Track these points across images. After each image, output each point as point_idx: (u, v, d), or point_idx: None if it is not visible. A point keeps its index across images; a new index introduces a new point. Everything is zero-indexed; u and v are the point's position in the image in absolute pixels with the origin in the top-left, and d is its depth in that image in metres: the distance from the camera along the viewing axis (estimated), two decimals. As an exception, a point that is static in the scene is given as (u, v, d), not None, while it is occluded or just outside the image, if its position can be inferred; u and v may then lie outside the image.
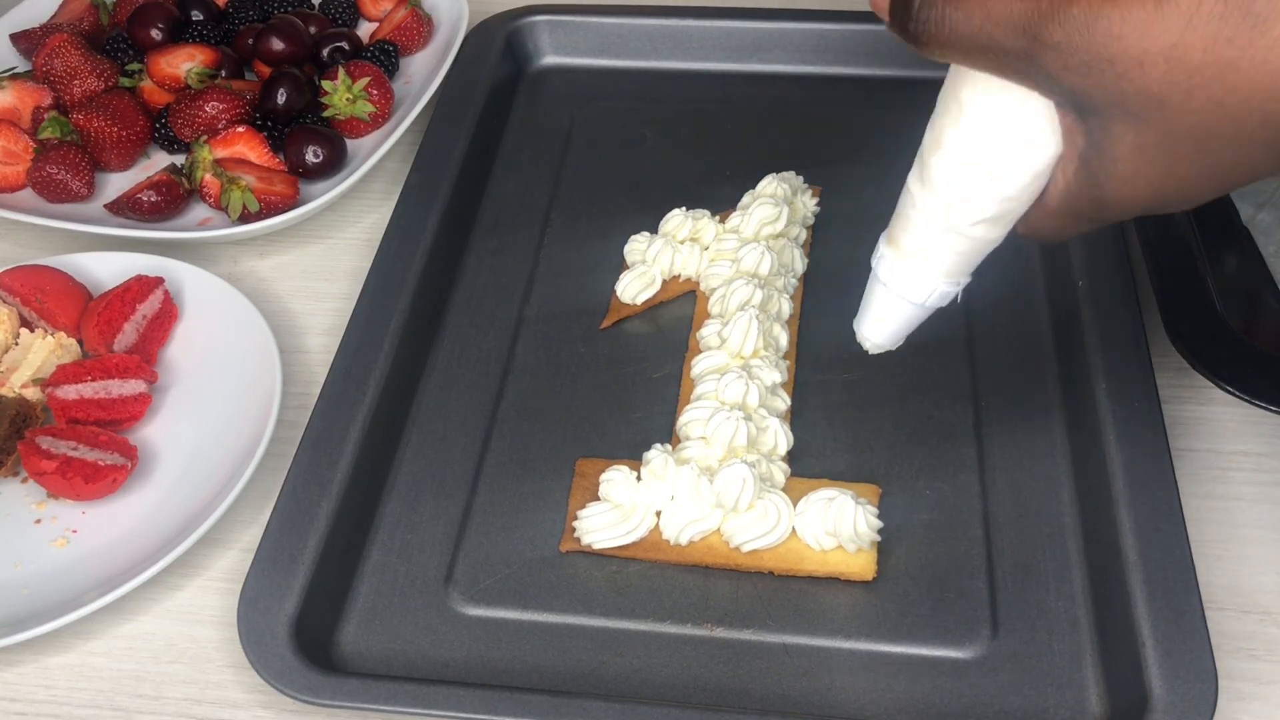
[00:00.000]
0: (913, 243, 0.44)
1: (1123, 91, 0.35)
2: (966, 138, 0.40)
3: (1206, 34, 0.33)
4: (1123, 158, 0.37)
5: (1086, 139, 0.38)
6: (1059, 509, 0.56)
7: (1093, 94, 0.36)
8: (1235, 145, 0.35)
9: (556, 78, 0.85)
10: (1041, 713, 0.50)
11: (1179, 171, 0.37)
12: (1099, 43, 0.34)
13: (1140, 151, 0.37)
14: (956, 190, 0.41)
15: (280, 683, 0.50)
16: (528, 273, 0.70)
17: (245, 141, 0.74)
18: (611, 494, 0.56)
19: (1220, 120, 0.34)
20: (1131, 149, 0.37)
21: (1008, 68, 0.37)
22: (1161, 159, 0.36)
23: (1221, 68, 0.33)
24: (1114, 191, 0.38)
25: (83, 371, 0.62)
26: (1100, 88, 0.35)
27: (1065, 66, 0.35)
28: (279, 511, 0.56)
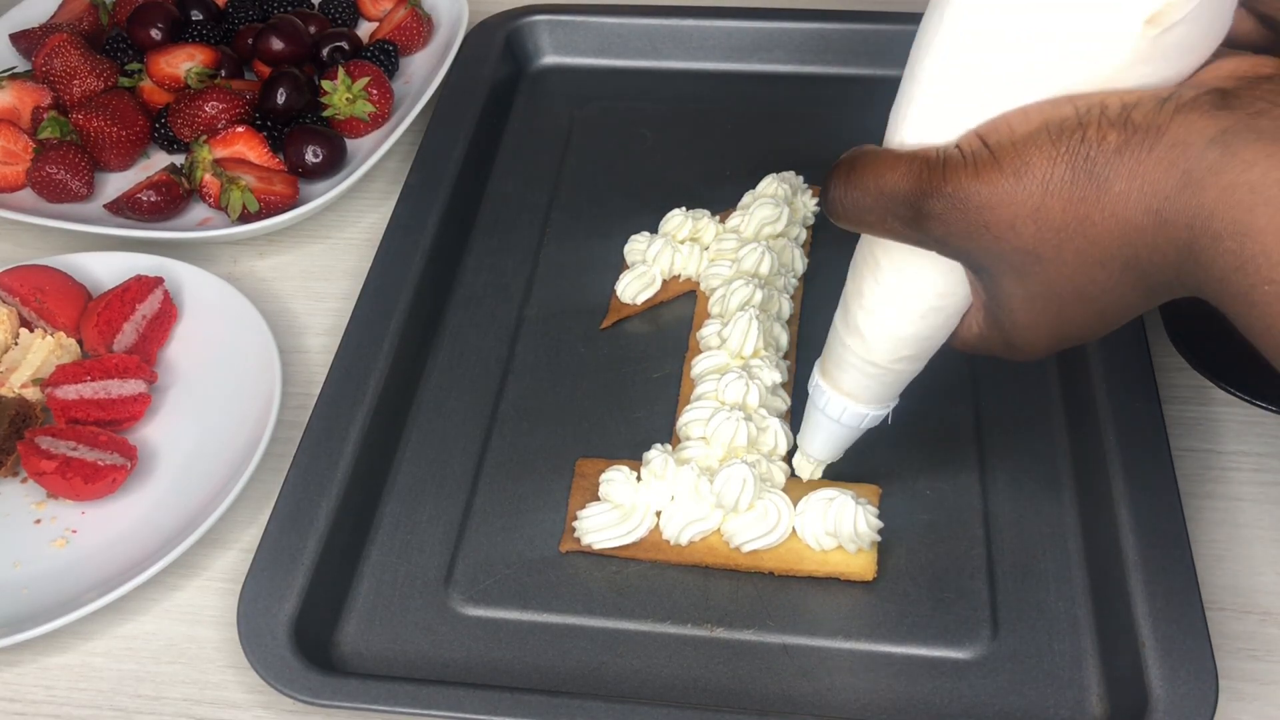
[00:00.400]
0: (845, 379, 0.50)
1: (1002, 252, 0.39)
2: (886, 295, 0.45)
3: (1061, 196, 0.37)
4: (1018, 309, 0.42)
5: (986, 293, 0.43)
6: (1059, 509, 0.56)
7: (979, 255, 0.40)
8: (1110, 289, 0.39)
9: (556, 78, 0.85)
10: (1041, 713, 0.50)
11: (1070, 316, 0.41)
12: (973, 212, 0.38)
13: (1031, 302, 0.41)
14: (880, 339, 0.47)
15: (280, 683, 0.50)
16: (528, 273, 0.70)
17: (245, 141, 0.74)
18: (611, 494, 0.56)
19: (1091, 268, 0.38)
20: (1023, 301, 0.41)
21: (905, 236, 0.42)
22: (1052, 307, 0.41)
23: (1080, 223, 0.37)
24: (1018, 337, 0.43)
25: (82, 371, 0.62)
26: (984, 249, 0.40)
27: (949, 233, 0.40)
28: (279, 511, 0.56)
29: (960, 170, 0.39)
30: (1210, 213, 0.34)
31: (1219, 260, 0.35)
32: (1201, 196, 0.34)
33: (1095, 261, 0.38)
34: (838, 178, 0.43)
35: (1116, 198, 0.36)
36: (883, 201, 0.41)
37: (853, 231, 0.44)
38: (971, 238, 0.39)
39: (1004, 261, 0.40)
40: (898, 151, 0.41)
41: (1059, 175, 0.37)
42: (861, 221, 0.43)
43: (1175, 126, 0.35)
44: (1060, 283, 0.39)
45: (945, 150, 0.39)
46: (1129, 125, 0.36)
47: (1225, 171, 0.34)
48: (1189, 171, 0.35)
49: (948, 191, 0.39)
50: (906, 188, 0.40)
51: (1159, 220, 0.36)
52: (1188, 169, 0.35)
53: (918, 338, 0.46)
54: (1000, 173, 0.38)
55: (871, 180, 0.41)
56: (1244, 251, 0.34)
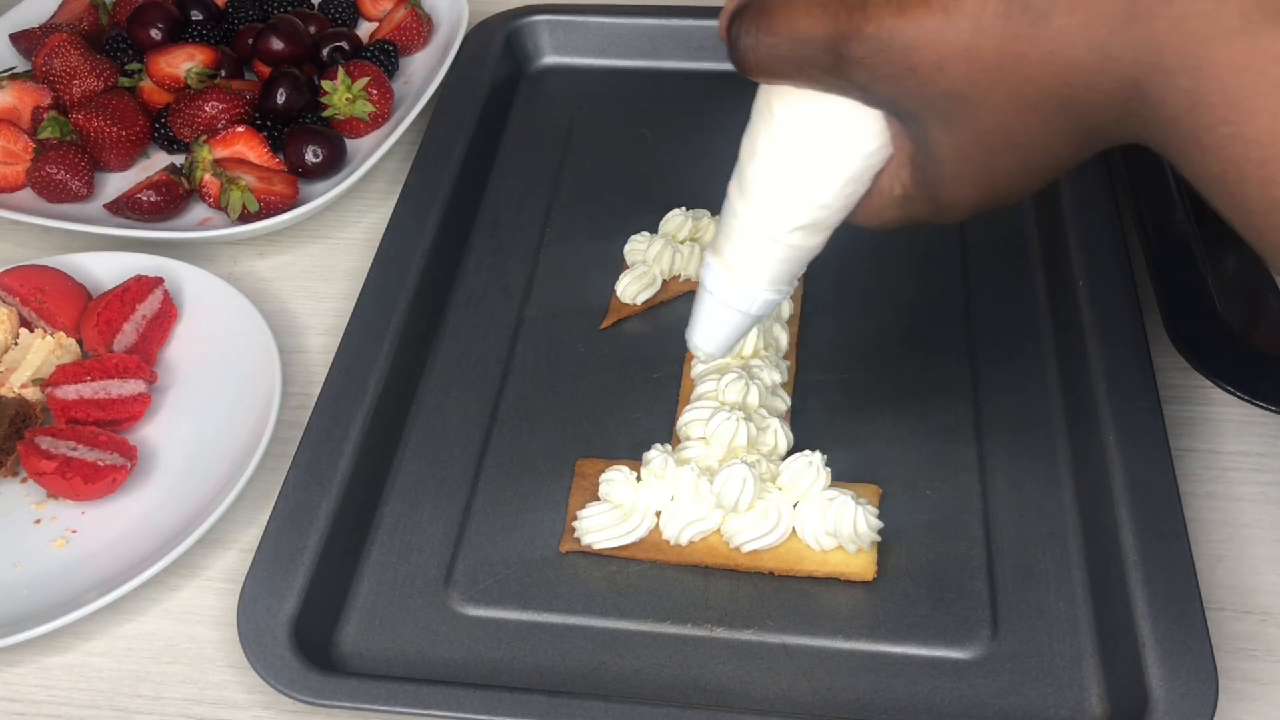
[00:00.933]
0: (736, 253, 0.45)
1: (930, 96, 0.37)
2: (780, 146, 0.42)
3: (994, 33, 0.34)
4: (946, 158, 0.39)
5: (913, 143, 0.40)
6: (1059, 509, 0.56)
7: (905, 101, 0.38)
8: (1042, 135, 0.36)
9: (556, 78, 0.85)
10: (1041, 713, 0.50)
11: (999, 165, 0.38)
12: (899, 54, 0.36)
13: (960, 150, 0.38)
14: (772, 198, 0.43)
15: (280, 683, 0.50)
16: (528, 273, 0.70)
17: (245, 141, 0.74)
18: (611, 494, 0.56)
19: (1023, 112, 0.36)
20: (952, 149, 0.38)
21: (826, 84, 0.39)
22: (981, 155, 0.38)
23: (1014, 62, 0.34)
24: (946, 191, 0.40)
25: (82, 371, 0.62)
26: (910, 95, 0.37)
27: (874, 78, 0.37)
28: (279, 511, 0.56)
29: (883, 8, 0.36)
30: (1160, 46, 0.32)
31: (1170, 99, 0.32)
32: (1150, 28, 0.32)
33: (1029, 104, 0.36)
34: (746, 22, 0.39)
35: (1055, 32, 0.34)
36: (799, 48, 0.38)
37: (766, 83, 0.41)
38: (897, 82, 0.37)
39: (931, 107, 0.37)
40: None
41: (992, 9, 0.34)
42: (776, 71, 0.39)
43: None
44: (991, 128, 0.37)
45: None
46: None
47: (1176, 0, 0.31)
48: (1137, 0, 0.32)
49: (869, 32, 0.36)
50: (824, 31, 0.37)
51: (1102, 55, 0.33)
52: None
53: (818, 204, 0.42)
54: (927, 9, 0.35)
55: (784, 24, 0.38)
56: (1199, 90, 0.31)
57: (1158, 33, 0.32)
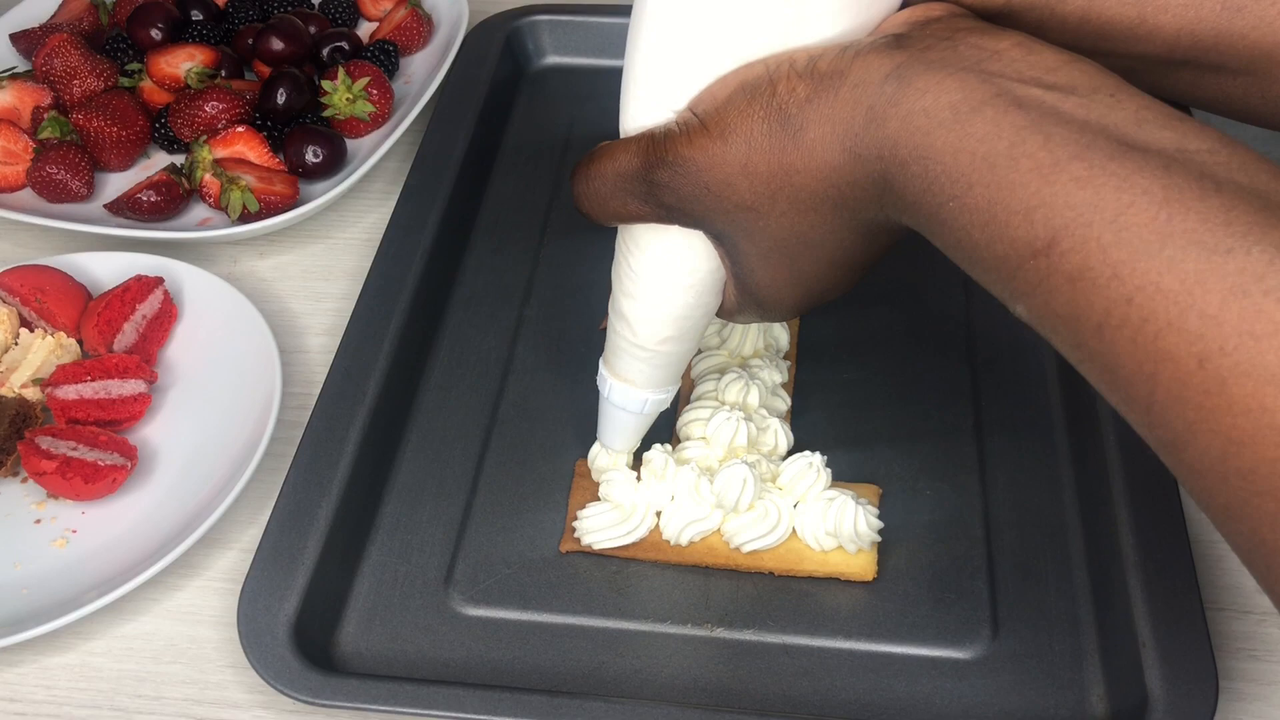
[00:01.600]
0: (620, 364, 0.52)
1: (727, 211, 0.42)
2: (637, 277, 0.48)
3: (764, 149, 0.40)
4: (756, 268, 0.45)
5: (730, 259, 0.45)
6: (1059, 509, 0.56)
7: (709, 218, 0.43)
8: (828, 232, 0.42)
9: (556, 78, 0.85)
10: (1041, 713, 0.50)
11: (804, 269, 0.44)
12: (693, 176, 0.42)
13: (765, 259, 0.44)
14: (640, 320, 0.49)
15: (280, 683, 0.50)
16: (528, 273, 0.70)
17: (245, 141, 0.74)
18: (611, 494, 0.56)
19: (805, 214, 0.41)
20: (758, 258, 0.44)
21: (643, 213, 0.45)
22: (784, 260, 0.44)
23: (785, 172, 0.40)
24: (766, 296, 0.46)
25: (82, 371, 0.62)
26: (711, 211, 0.42)
27: (679, 199, 0.43)
28: (279, 511, 0.56)
29: (677, 140, 0.42)
30: (894, 141, 0.37)
31: (909, 185, 0.37)
32: (885, 128, 0.37)
33: (807, 207, 0.41)
34: (579, 172, 0.46)
35: (813, 142, 0.39)
36: (619, 183, 0.44)
37: (601, 224, 0.47)
38: (698, 200, 0.42)
39: (732, 222, 0.43)
40: (626, 138, 0.45)
41: (758, 130, 0.40)
42: (605, 208, 0.46)
43: (856, 69, 0.38)
44: (783, 233, 0.42)
45: (665, 126, 0.43)
46: (815, 74, 0.39)
47: (902, 101, 0.36)
48: (872, 107, 0.37)
49: (669, 160, 0.42)
50: (637, 164, 0.43)
51: (853, 157, 0.38)
52: (871, 104, 0.37)
53: (676, 318, 0.48)
54: (709, 136, 0.41)
55: (608, 165, 0.45)
56: (927, 174, 0.36)
57: (891, 131, 0.37)
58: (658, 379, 0.52)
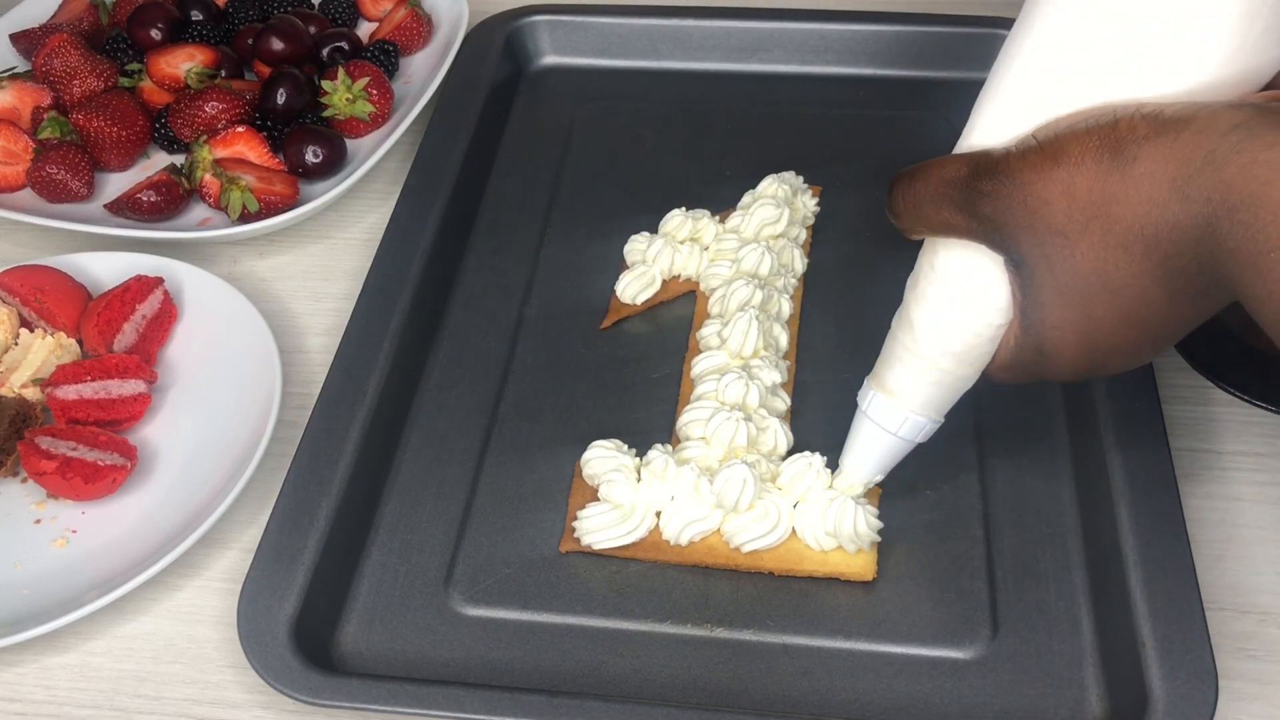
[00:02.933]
0: (896, 380, 0.51)
1: (1037, 230, 0.43)
2: (939, 288, 0.48)
3: (1090, 173, 0.40)
4: (1048, 303, 0.44)
5: (1023, 293, 0.45)
6: (1059, 509, 0.56)
7: (1018, 237, 0.43)
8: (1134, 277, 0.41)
9: (556, 78, 0.85)
10: (1041, 713, 0.50)
11: (1098, 314, 0.43)
12: (1016, 189, 0.43)
13: (1060, 295, 0.44)
14: (933, 330, 0.49)
15: (280, 683, 0.50)
16: (528, 273, 0.70)
17: (245, 141, 0.74)
18: (611, 494, 0.56)
19: (1114, 252, 0.41)
20: (1053, 293, 0.44)
21: (958, 222, 0.45)
22: (1079, 300, 0.43)
23: (1105, 202, 0.40)
24: (1049, 341, 0.45)
25: (82, 371, 0.62)
26: (1021, 226, 0.43)
27: (995, 209, 0.43)
28: (279, 511, 0.56)
29: (1011, 155, 0.43)
30: (1229, 186, 0.37)
31: (1234, 231, 0.37)
32: (1222, 173, 0.37)
33: (1118, 243, 0.41)
34: (903, 177, 0.47)
35: (1141, 176, 0.39)
36: (942, 188, 0.45)
37: (910, 232, 0.48)
38: (1013, 214, 0.43)
39: (1038, 245, 0.43)
40: (960, 152, 0.46)
41: (1090, 155, 0.41)
42: (919, 212, 0.47)
43: (1202, 116, 0.38)
44: (1086, 269, 0.42)
45: (1003, 146, 0.44)
46: (1160, 118, 0.39)
47: (1246, 150, 0.36)
48: (1213, 151, 0.37)
49: (997, 170, 0.43)
50: (964, 173, 0.44)
51: (1181, 195, 0.38)
52: (1212, 149, 0.37)
53: (967, 331, 0.48)
54: (1040, 155, 0.42)
55: (936, 171, 0.46)
56: (1256, 221, 0.36)
57: (1228, 177, 0.37)
58: (930, 399, 0.51)
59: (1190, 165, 0.38)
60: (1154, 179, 0.39)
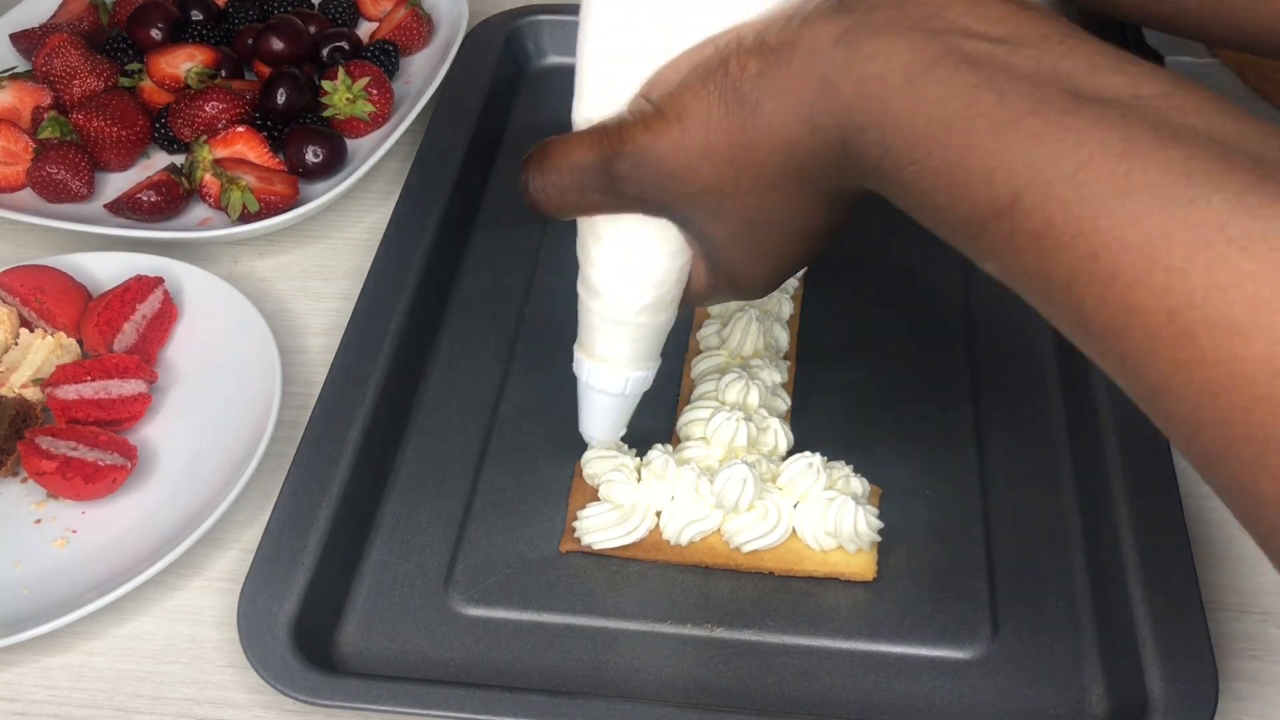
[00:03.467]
0: (596, 342, 0.51)
1: (691, 195, 0.42)
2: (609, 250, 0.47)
3: (722, 129, 0.39)
4: (726, 248, 0.44)
5: (699, 242, 0.45)
6: (1059, 509, 0.56)
7: (675, 205, 0.43)
8: (794, 206, 0.41)
9: (556, 78, 0.85)
10: (1041, 713, 0.50)
11: (774, 243, 0.43)
12: (654, 164, 0.41)
13: (735, 239, 0.43)
14: (615, 290, 0.48)
15: (280, 683, 0.50)
16: (528, 273, 0.70)
17: (245, 141, 0.74)
18: (611, 494, 0.56)
19: (770, 191, 0.41)
20: (726, 238, 0.44)
21: (606, 205, 0.44)
22: (753, 238, 0.43)
23: (746, 150, 0.40)
24: (739, 274, 0.46)
25: (82, 371, 0.62)
26: (677, 198, 0.42)
27: (642, 190, 0.42)
28: (279, 511, 0.56)
29: (634, 129, 0.41)
30: (849, 109, 0.36)
31: (868, 151, 0.37)
32: (839, 96, 0.37)
33: (770, 183, 0.40)
34: (531, 168, 0.45)
35: (770, 117, 0.38)
36: (577, 177, 0.44)
37: (557, 219, 0.46)
38: (661, 189, 0.42)
39: (697, 206, 0.42)
40: (581, 131, 0.44)
41: (715, 110, 0.39)
42: (563, 204, 0.45)
43: (804, 37, 0.37)
44: (749, 212, 0.42)
45: (620, 116, 0.42)
46: (764, 48, 0.38)
47: (853, 67, 0.36)
48: (824, 75, 0.37)
49: (628, 151, 0.42)
50: (594, 157, 0.43)
51: (810, 128, 0.38)
52: (823, 73, 0.37)
53: (651, 284, 0.47)
54: (665, 122, 0.41)
55: (562, 160, 0.44)
56: (885, 139, 0.36)
57: (845, 99, 0.36)
58: (637, 354, 0.51)
59: (808, 95, 0.37)
60: (781, 118, 0.38)
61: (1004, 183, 0.33)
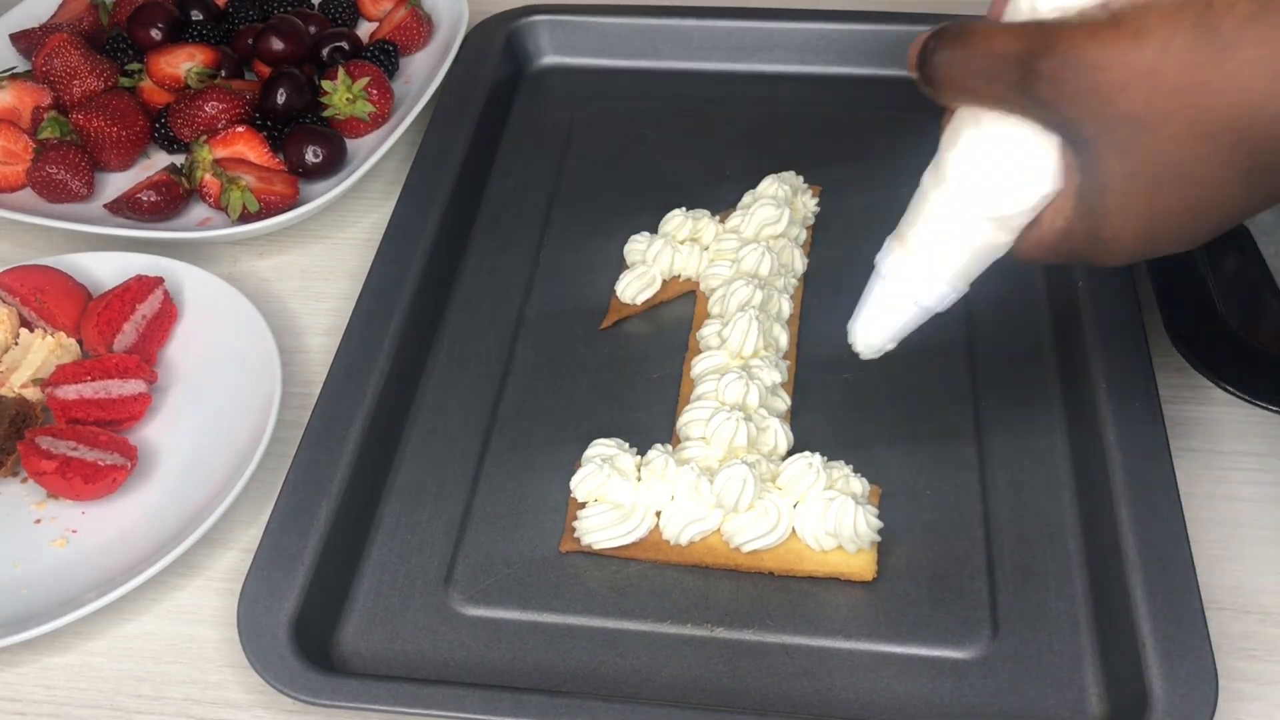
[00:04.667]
0: (921, 237, 0.46)
1: (1108, 117, 0.38)
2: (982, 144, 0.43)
3: (1180, 59, 0.36)
4: (1114, 188, 0.40)
5: (1082, 174, 0.41)
6: (1059, 509, 0.56)
7: (1084, 122, 0.39)
8: (1215, 169, 0.38)
9: (556, 78, 0.85)
10: (1041, 713, 0.50)
11: (1167, 203, 0.39)
12: (1085, 73, 0.38)
13: (1129, 180, 0.39)
14: (970, 183, 0.43)
15: (280, 683, 0.50)
16: (528, 273, 0.70)
17: (245, 141, 0.74)
18: (611, 494, 0.56)
19: (1199, 142, 0.37)
20: (1121, 178, 0.39)
21: (1009, 100, 0.40)
22: (1149, 188, 0.39)
23: (1195, 90, 0.36)
24: (1108, 225, 0.41)
25: (82, 371, 0.62)
26: (1089, 114, 0.38)
27: (1058, 95, 0.39)
28: (279, 511, 0.56)
29: (1076, 31, 0.38)
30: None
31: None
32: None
33: (1205, 134, 0.37)
34: (944, 40, 0.42)
35: (1240, 64, 0.35)
36: (991, 62, 0.40)
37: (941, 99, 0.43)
38: (1079, 100, 0.38)
39: (1108, 132, 0.38)
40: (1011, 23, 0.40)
41: (1180, 38, 0.36)
42: (962, 84, 0.42)
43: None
44: (1164, 157, 0.38)
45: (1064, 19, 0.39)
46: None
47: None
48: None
49: (1060, 50, 0.38)
50: (1018, 48, 0.39)
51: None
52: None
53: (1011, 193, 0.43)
54: (1118, 32, 0.37)
55: (981, 42, 0.41)
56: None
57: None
58: (958, 266, 0.46)
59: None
60: (1254, 68, 0.35)
61: None
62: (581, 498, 0.56)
